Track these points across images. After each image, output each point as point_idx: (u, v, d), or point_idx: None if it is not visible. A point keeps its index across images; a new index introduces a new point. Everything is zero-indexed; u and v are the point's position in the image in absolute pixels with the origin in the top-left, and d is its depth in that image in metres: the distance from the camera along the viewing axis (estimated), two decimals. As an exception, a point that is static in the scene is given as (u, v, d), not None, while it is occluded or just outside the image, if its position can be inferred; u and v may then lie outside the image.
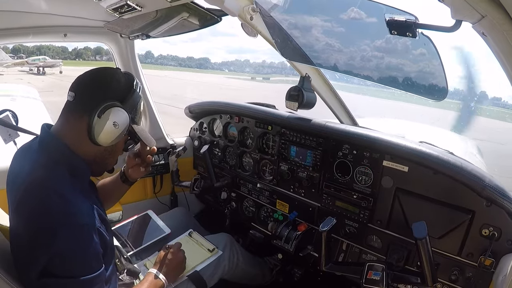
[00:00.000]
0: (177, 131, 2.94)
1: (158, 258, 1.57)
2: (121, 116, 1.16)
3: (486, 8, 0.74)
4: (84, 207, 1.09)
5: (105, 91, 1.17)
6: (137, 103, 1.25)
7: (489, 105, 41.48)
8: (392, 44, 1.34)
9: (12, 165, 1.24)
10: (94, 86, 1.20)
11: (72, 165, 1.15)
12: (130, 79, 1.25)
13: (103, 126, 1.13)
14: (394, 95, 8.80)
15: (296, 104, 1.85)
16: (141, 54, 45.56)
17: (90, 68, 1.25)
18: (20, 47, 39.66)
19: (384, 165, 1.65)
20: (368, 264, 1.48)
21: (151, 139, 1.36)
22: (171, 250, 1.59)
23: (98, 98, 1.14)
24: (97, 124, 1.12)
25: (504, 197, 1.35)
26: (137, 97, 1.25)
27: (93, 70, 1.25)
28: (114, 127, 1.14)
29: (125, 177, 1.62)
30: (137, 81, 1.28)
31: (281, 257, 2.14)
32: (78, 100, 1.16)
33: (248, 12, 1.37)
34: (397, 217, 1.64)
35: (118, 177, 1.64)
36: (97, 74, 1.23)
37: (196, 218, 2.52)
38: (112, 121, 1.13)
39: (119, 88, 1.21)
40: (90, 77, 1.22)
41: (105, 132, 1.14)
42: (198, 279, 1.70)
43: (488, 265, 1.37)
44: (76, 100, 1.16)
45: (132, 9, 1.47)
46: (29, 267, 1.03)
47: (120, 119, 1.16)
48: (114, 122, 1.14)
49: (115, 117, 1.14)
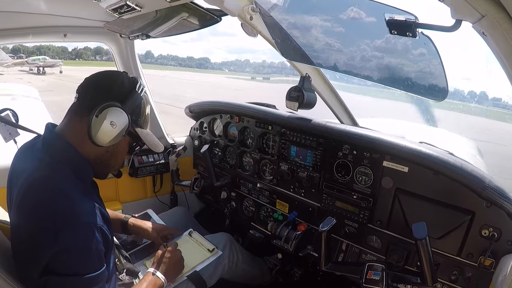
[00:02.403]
0: (177, 131, 2.94)
1: (156, 257, 1.58)
2: (119, 116, 1.15)
3: (486, 7, 0.74)
4: (87, 206, 1.10)
5: (106, 93, 1.18)
6: (139, 105, 1.25)
7: (489, 106, 41.46)
8: (392, 44, 1.33)
9: (14, 164, 1.25)
10: (96, 87, 1.22)
11: (75, 165, 1.16)
12: (134, 82, 1.25)
13: (100, 125, 1.13)
14: (394, 95, 8.80)
15: (296, 104, 1.85)
16: (141, 54, 45.60)
17: (91, 68, 1.26)
18: (20, 47, 39.74)
19: (384, 165, 1.65)
20: (368, 264, 1.48)
21: (157, 144, 1.34)
22: (168, 249, 1.60)
23: (99, 99, 1.15)
24: (94, 124, 1.13)
25: (504, 198, 1.35)
26: (138, 99, 1.24)
27: (99, 73, 1.26)
28: (112, 127, 1.14)
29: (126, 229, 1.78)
30: (142, 84, 1.27)
31: (280, 257, 2.14)
32: (81, 101, 1.19)
33: (248, 12, 1.36)
34: (397, 218, 1.64)
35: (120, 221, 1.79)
36: (101, 76, 1.25)
37: (196, 217, 2.52)
38: (109, 121, 1.13)
39: (121, 90, 1.21)
40: (94, 79, 1.24)
41: (102, 132, 1.14)
42: (198, 279, 1.70)
43: (487, 266, 1.38)
44: (79, 101, 1.19)
45: (131, 9, 1.47)
46: (31, 265, 1.03)
47: (118, 119, 1.15)
48: (111, 121, 1.14)
49: (112, 116, 1.14)
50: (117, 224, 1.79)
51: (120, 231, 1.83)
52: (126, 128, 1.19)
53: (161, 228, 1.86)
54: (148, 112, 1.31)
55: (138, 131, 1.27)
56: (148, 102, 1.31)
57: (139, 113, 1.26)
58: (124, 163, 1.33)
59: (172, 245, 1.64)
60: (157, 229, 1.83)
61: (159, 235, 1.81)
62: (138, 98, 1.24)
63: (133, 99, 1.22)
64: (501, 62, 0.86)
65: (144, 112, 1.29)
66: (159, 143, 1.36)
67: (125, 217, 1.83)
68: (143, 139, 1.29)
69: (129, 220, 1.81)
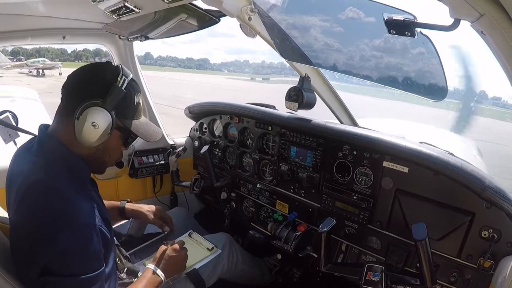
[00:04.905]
0: (177, 132, 2.94)
1: (158, 253, 1.55)
2: (100, 115, 1.11)
3: (485, 6, 0.74)
4: (84, 206, 1.09)
5: (85, 91, 1.14)
6: (123, 98, 1.17)
7: (489, 105, 41.46)
8: (390, 43, 1.33)
9: (12, 165, 1.24)
10: (76, 86, 1.18)
11: (70, 164, 1.16)
12: (115, 74, 1.17)
13: (82, 127, 1.10)
14: (393, 95, 8.80)
15: (296, 105, 1.85)
16: (140, 55, 45.63)
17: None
18: (19, 49, 39.75)
19: (384, 165, 1.65)
20: (367, 265, 1.47)
21: (152, 133, 1.29)
22: (173, 246, 1.57)
23: (78, 99, 1.12)
24: (77, 126, 1.10)
25: (504, 198, 1.35)
26: (120, 92, 1.15)
27: (79, 69, 1.22)
28: (94, 128, 1.11)
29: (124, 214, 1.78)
30: (125, 74, 1.18)
31: (280, 257, 2.14)
32: (64, 102, 1.18)
33: (247, 13, 1.37)
34: (397, 218, 1.64)
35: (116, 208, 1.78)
36: (81, 73, 1.21)
37: (196, 218, 2.52)
38: (90, 122, 1.10)
39: (101, 85, 1.15)
40: (74, 77, 1.20)
41: (86, 134, 1.11)
42: (197, 278, 1.70)
43: (487, 267, 1.37)
44: (62, 102, 1.18)
45: (130, 11, 1.47)
46: (30, 266, 1.03)
47: (100, 118, 1.11)
48: (92, 122, 1.10)
49: (92, 117, 1.10)
50: (114, 212, 1.77)
51: (119, 217, 1.82)
52: (111, 126, 1.14)
53: (157, 209, 1.85)
54: (137, 101, 1.25)
55: (127, 123, 1.23)
56: (137, 91, 1.24)
57: (126, 105, 1.20)
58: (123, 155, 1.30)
59: (178, 244, 1.60)
60: (153, 211, 1.82)
61: (156, 216, 1.81)
62: (120, 91, 1.15)
63: (114, 94, 1.14)
64: (500, 61, 0.86)
65: (132, 103, 1.22)
66: (155, 132, 1.31)
67: (121, 203, 1.81)
68: (134, 132, 1.25)
69: (125, 206, 1.80)
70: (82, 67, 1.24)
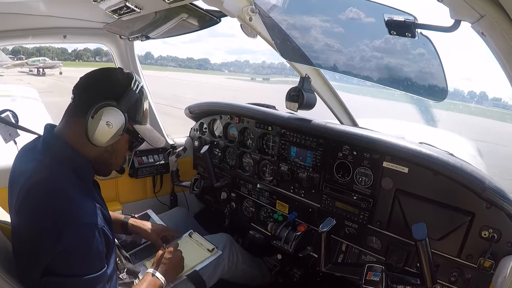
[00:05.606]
0: (177, 131, 2.94)
1: (156, 258, 1.58)
2: (115, 116, 1.15)
3: (485, 7, 0.74)
4: (88, 206, 1.10)
5: (100, 92, 1.18)
6: (135, 101, 1.23)
7: (489, 106, 41.49)
8: (391, 44, 1.33)
9: (15, 165, 1.25)
10: (91, 87, 1.21)
11: (76, 165, 1.16)
12: (129, 78, 1.24)
13: (96, 126, 1.12)
14: (394, 95, 8.80)
15: (296, 105, 1.85)
16: (141, 55, 45.64)
17: (91, 70, 1.26)
18: (20, 48, 39.82)
19: (384, 166, 1.65)
20: (367, 265, 1.48)
21: (157, 139, 1.33)
22: (168, 250, 1.60)
23: (93, 99, 1.14)
24: (91, 125, 1.12)
25: (504, 199, 1.35)
26: (134, 96, 1.22)
27: (92, 72, 1.25)
28: (108, 127, 1.14)
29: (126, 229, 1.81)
30: (137, 80, 1.25)
31: (280, 257, 2.14)
32: (76, 102, 1.19)
33: (247, 13, 1.37)
34: (397, 218, 1.64)
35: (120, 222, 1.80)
36: (95, 75, 1.24)
37: (196, 218, 2.52)
38: (105, 121, 1.13)
39: (116, 88, 1.20)
40: (88, 79, 1.23)
41: (99, 132, 1.13)
42: (198, 279, 1.70)
43: (487, 267, 1.37)
44: (74, 102, 1.19)
45: (131, 11, 1.47)
46: (32, 266, 1.03)
47: (114, 118, 1.15)
48: (107, 122, 1.13)
49: (108, 116, 1.13)
50: (117, 225, 1.80)
51: (120, 231, 1.84)
52: (123, 127, 1.18)
53: (161, 229, 1.86)
54: (146, 108, 1.30)
55: (136, 127, 1.26)
56: (146, 97, 1.29)
57: (136, 109, 1.24)
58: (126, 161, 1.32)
59: (172, 246, 1.64)
60: (157, 230, 1.82)
61: (159, 236, 1.81)
62: (134, 94, 1.22)
63: (128, 96, 1.20)
64: (501, 62, 0.86)
65: (142, 108, 1.27)
66: (160, 138, 1.35)
67: (125, 218, 1.83)
68: (142, 136, 1.28)
69: (129, 221, 1.82)
70: (95, 70, 1.26)
